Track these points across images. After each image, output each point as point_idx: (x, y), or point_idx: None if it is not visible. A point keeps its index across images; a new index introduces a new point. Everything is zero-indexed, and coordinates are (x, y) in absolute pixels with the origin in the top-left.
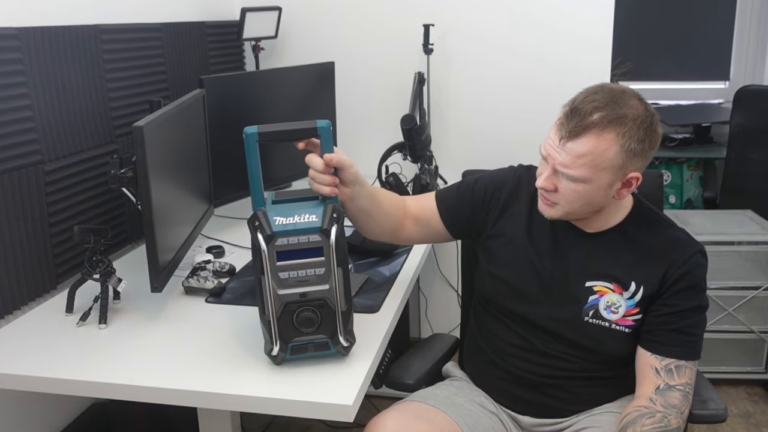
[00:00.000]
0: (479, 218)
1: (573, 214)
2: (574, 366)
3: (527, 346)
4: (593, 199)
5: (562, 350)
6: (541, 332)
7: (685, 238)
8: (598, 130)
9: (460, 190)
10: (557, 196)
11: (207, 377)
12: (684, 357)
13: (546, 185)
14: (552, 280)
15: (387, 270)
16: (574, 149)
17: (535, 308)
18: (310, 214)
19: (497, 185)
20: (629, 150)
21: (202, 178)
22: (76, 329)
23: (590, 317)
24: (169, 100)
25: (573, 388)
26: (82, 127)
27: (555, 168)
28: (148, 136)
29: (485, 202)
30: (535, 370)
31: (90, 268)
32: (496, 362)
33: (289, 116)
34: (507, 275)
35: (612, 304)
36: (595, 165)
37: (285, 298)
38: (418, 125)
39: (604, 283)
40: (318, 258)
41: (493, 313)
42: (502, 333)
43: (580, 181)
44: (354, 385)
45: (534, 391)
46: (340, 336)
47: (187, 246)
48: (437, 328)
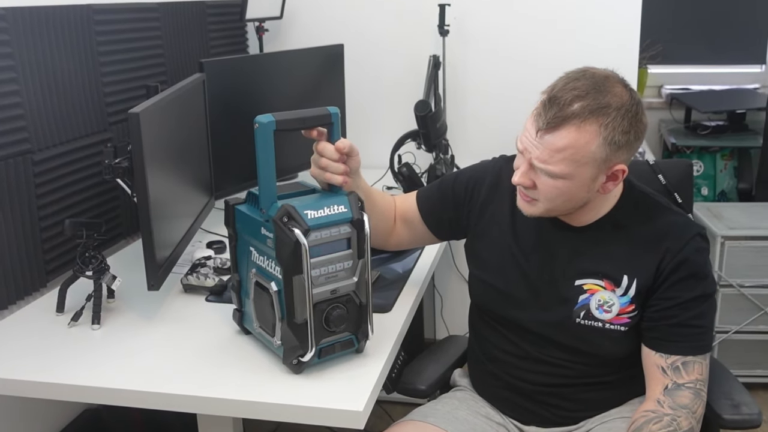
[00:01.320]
0: (462, 219)
1: (554, 210)
2: (572, 372)
3: (521, 353)
4: (575, 195)
5: (557, 356)
6: (534, 338)
7: (681, 221)
8: (578, 122)
9: (441, 188)
10: (536, 193)
11: (207, 381)
12: (691, 352)
13: (523, 181)
14: (540, 280)
15: (400, 267)
16: (552, 143)
17: (526, 313)
18: (338, 205)
19: (476, 181)
20: (613, 142)
21: (202, 169)
22: (68, 330)
23: (582, 318)
24: (166, 85)
25: (575, 395)
26: (73, 114)
27: (532, 163)
28: (144, 123)
29: (465, 200)
30: (531, 379)
31: (82, 264)
32: (494, 372)
33: (295, 103)
34: (495, 280)
35: (604, 302)
36: (575, 160)
37: (316, 297)
38: (433, 112)
39: (594, 280)
40: (346, 251)
41: (486, 319)
42: (497, 341)
43: (560, 177)
44: (365, 389)
45: (534, 400)
46: (369, 330)
47: (186, 241)
48: (453, 329)
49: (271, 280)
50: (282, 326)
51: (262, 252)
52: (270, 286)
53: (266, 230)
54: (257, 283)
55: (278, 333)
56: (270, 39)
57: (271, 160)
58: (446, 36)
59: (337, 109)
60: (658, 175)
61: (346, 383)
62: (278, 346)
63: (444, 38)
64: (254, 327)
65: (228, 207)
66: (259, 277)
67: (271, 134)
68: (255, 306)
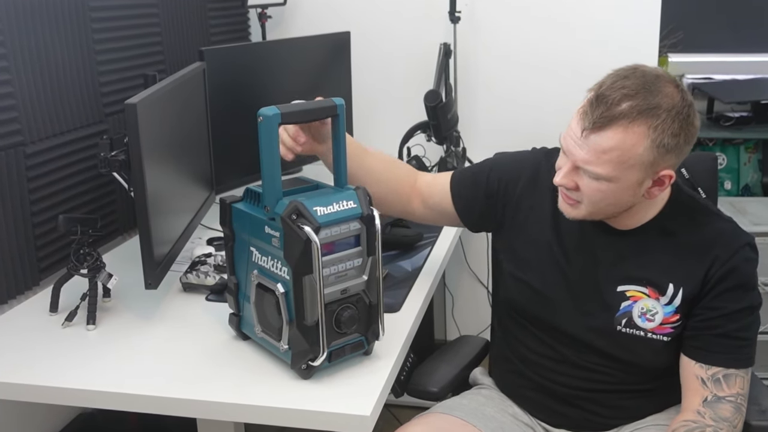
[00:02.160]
0: (497, 211)
1: (597, 214)
2: (611, 378)
3: (558, 357)
4: (620, 199)
5: (596, 362)
6: (572, 342)
7: (730, 229)
8: (626, 122)
9: (477, 175)
10: (579, 195)
11: (208, 385)
12: (733, 365)
13: (565, 183)
14: (581, 284)
15: (409, 264)
16: (599, 143)
17: (564, 316)
18: (346, 200)
19: (513, 174)
20: (662, 145)
21: (203, 162)
22: (61, 330)
23: (623, 326)
24: (165, 74)
25: (612, 401)
26: (68, 104)
27: (576, 164)
28: (142, 114)
29: (500, 193)
30: (568, 383)
31: (77, 262)
32: (525, 373)
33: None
34: (532, 279)
35: (647, 310)
36: (621, 162)
37: (326, 298)
38: (444, 102)
39: (637, 287)
40: (356, 248)
41: (518, 320)
42: (530, 342)
43: (605, 179)
44: (372, 393)
45: (568, 404)
46: (380, 331)
47: (185, 237)
48: (465, 329)
49: (276, 281)
50: (290, 330)
51: (266, 252)
52: (276, 288)
53: (271, 229)
54: (259, 285)
55: (285, 337)
56: (273, 26)
57: (276, 155)
58: (457, 23)
59: (342, 100)
60: (681, 169)
61: (353, 386)
62: (285, 350)
63: (455, 25)
64: (255, 332)
65: (224, 205)
66: (262, 279)
67: (275, 127)
68: (256, 309)
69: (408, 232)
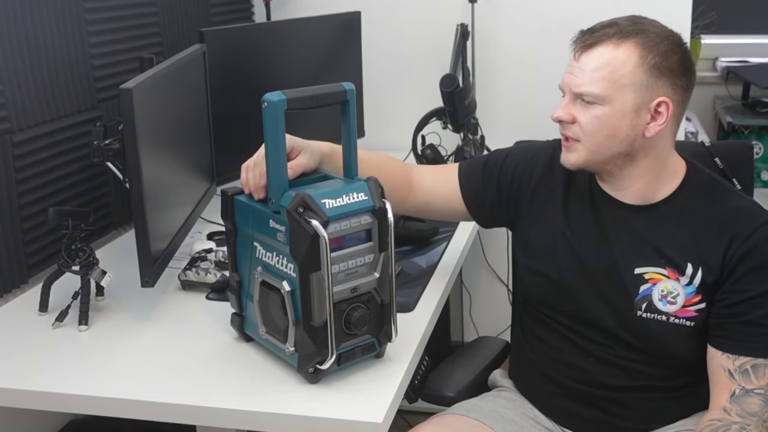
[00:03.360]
0: (510, 205)
1: (598, 155)
2: (636, 374)
3: (580, 352)
4: (618, 130)
5: (618, 354)
6: (594, 334)
7: (749, 207)
8: (615, 40)
9: (487, 167)
10: (576, 130)
11: (208, 390)
12: (762, 354)
13: (561, 115)
14: (597, 268)
15: (423, 261)
16: (590, 62)
17: (583, 304)
18: (357, 192)
19: (528, 164)
20: (653, 65)
21: (203, 151)
22: (52, 331)
23: (644, 311)
24: (163, 57)
25: (637, 402)
26: (58, 89)
27: (572, 93)
28: (137, 100)
29: (513, 186)
30: (590, 381)
31: (68, 258)
32: (546, 373)
33: (306, 77)
34: (547, 268)
35: (668, 292)
36: (614, 80)
37: (335, 297)
38: (461, 87)
39: (655, 269)
40: (367, 243)
41: (538, 316)
42: (552, 339)
43: (600, 101)
44: (384, 399)
45: (591, 406)
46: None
47: (184, 232)
48: (483, 330)
49: (282, 279)
50: (296, 331)
51: (271, 248)
52: (281, 286)
53: (276, 223)
54: (264, 283)
55: (291, 338)
56: (278, 6)
57: (281, 143)
58: (475, 2)
59: (352, 85)
60: (714, 159)
61: (363, 391)
62: (291, 353)
63: (473, 5)
64: (259, 333)
65: (226, 198)
66: (267, 276)
67: (281, 114)
68: (260, 309)
69: (423, 226)
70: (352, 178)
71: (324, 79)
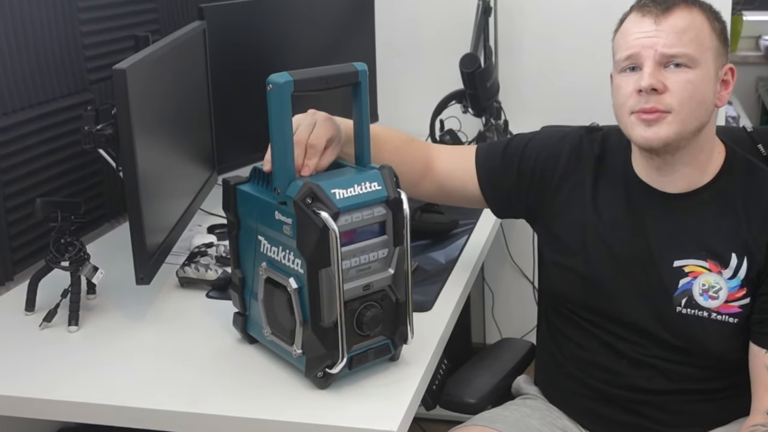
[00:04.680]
0: (530, 195)
1: (687, 126)
2: (674, 376)
3: (615, 354)
4: (706, 97)
5: (657, 355)
6: (630, 334)
7: None
8: (686, 5)
9: (508, 152)
10: (668, 99)
11: (208, 396)
12: None
13: (654, 82)
14: (632, 262)
15: (442, 255)
16: (676, 24)
17: (618, 302)
18: (370, 182)
19: (551, 153)
20: (719, 31)
21: (203, 137)
22: (39, 332)
23: (684, 306)
24: (159, 35)
25: (675, 405)
26: (46, 70)
27: (660, 56)
28: (132, 81)
29: (537, 172)
30: (625, 384)
31: (57, 253)
32: (576, 377)
33: (315, 57)
34: (577, 264)
35: (709, 287)
36: (699, 42)
37: (346, 295)
38: (483, 68)
39: (696, 261)
40: (380, 237)
41: (567, 315)
42: (582, 340)
43: (692, 63)
44: (400, 405)
45: (627, 410)
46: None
47: (182, 225)
48: (507, 331)
49: (289, 275)
50: (304, 332)
51: (276, 242)
52: (288, 283)
53: (282, 215)
54: (269, 280)
55: (298, 340)
56: None
57: (287, 129)
58: None
59: (365, 65)
60: (757, 145)
61: (377, 397)
62: (298, 356)
63: None
64: (264, 334)
65: (228, 187)
66: (272, 273)
67: (287, 96)
68: (265, 308)
69: (441, 218)
70: (364, 166)
71: (334, 59)
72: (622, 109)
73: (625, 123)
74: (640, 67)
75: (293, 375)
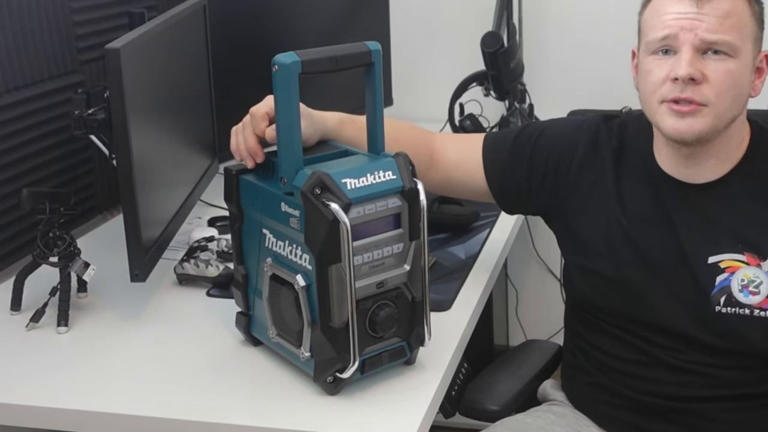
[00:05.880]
0: (542, 191)
1: (722, 120)
2: (714, 381)
3: (648, 361)
4: (743, 89)
5: (693, 360)
6: (664, 339)
7: None
8: None
9: (518, 142)
10: (706, 91)
11: (209, 402)
12: None
13: (693, 71)
14: (663, 262)
15: (462, 251)
16: (719, 7)
17: (649, 305)
18: (383, 170)
19: (568, 141)
20: (758, 14)
21: (203, 122)
22: (25, 334)
23: (723, 305)
24: (156, 12)
25: (716, 413)
26: (33, 50)
27: (699, 42)
28: (126, 62)
29: (550, 168)
30: (661, 392)
31: (45, 248)
32: (606, 385)
33: (324, 36)
34: (603, 266)
35: (749, 281)
36: (740, 29)
37: (358, 293)
38: (506, 47)
39: (732, 255)
40: (395, 231)
41: (594, 322)
42: (612, 348)
43: (731, 53)
44: (416, 413)
45: (661, 420)
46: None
47: (181, 217)
48: (532, 332)
49: (296, 272)
50: (312, 333)
51: (283, 235)
52: (295, 281)
53: (289, 206)
54: (274, 277)
55: (306, 342)
56: None
57: (294, 113)
58: None
59: (378, 44)
60: None
61: (391, 404)
62: (306, 359)
63: None
64: (269, 335)
65: (230, 176)
66: (278, 269)
67: (294, 78)
68: (270, 307)
69: (461, 210)
70: (377, 153)
71: (345, 38)
72: (652, 96)
73: (654, 111)
74: (675, 51)
75: (300, 380)
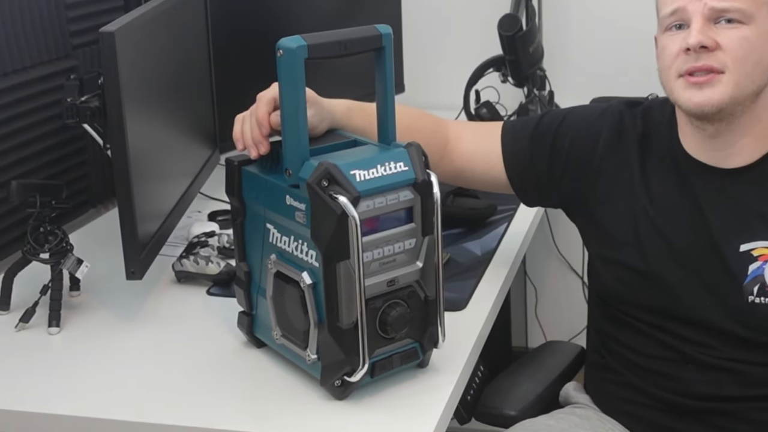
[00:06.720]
0: (564, 181)
1: (743, 90)
2: (748, 378)
3: (678, 358)
4: (762, 57)
5: (725, 356)
6: (694, 333)
7: None
8: None
9: (539, 130)
10: (721, 56)
11: (209, 407)
12: None
13: (703, 39)
14: (692, 249)
15: (478, 246)
16: None
17: (679, 298)
18: (395, 161)
19: (591, 128)
20: None
21: (203, 110)
22: (14, 335)
23: (756, 295)
24: None
25: (751, 413)
26: (23, 34)
27: (709, 11)
28: (121, 47)
29: (572, 157)
30: (692, 392)
31: (35, 244)
32: (633, 384)
33: (332, 19)
34: (629, 257)
35: None
36: None
37: (368, 291)
38: (525, 31)
39: (765, 242)
40: (407, 225)
41: (620, 317)
42: (638, 345)
43: (746, 18)
44: (430, 418)
45: (691, 420)
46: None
47: (179, 211)
48: (552, 333)
49: (302, 269)
50: (319, 334)
51: (288, 230)
52: (301, 278)
53: (294, 199)
54: (279, 275)
55: (313, 344)
56: None
57: (301, 101)
58: None
59: (389, 28)
60: None
61: (403, 410)
62: (313, 361)
63: None
64: (273, 336)
65: (232, 168)
66: (282, 266)
67: (300, 64)
68: (274, 307)
69: (477, 203)
70: (388, 143)
71: (354, 22)
72: (668, 71)
73: (672, 87)
74: (687, 23)
75: (307, 384)
